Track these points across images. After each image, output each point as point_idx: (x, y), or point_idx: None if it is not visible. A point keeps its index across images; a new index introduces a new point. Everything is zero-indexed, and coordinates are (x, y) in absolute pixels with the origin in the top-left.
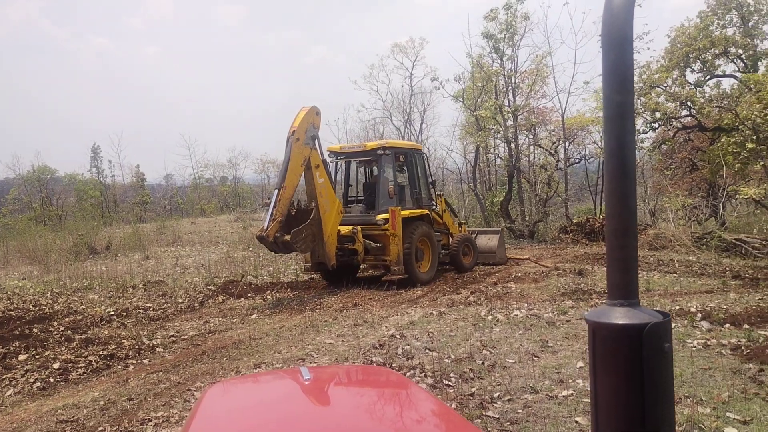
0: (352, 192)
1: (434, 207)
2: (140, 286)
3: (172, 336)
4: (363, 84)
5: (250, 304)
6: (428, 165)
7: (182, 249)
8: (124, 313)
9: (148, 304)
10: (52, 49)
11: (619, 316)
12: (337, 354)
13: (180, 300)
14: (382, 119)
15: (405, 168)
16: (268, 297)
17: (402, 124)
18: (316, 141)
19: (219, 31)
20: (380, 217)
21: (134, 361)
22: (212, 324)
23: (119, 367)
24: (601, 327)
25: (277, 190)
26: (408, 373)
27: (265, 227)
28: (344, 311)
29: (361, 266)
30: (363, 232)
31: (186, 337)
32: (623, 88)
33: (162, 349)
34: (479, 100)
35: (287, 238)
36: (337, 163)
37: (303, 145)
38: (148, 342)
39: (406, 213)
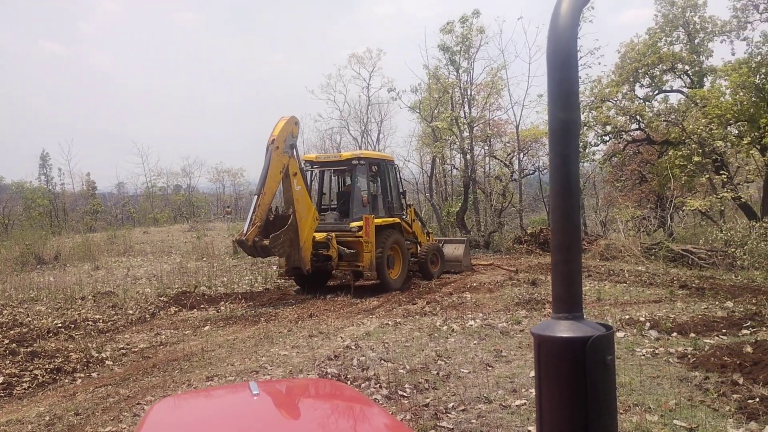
0: (326, 200)
1: (404, 216)
2: (89, 297)
3: (122, 348)
4: (320, 94)
5: (203, 316)
6: (399, 176)
7: (134, 259)
8: (72, 326)
9: (97, 316)
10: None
11: (564, 329)
12: (291, 366)
13: (131, 311)
14: (339, 129)
15: (378, 178)
16: (222, 308)
17: (359, 134)
18: (295, 150)
19: (175, 37)
20: (354, 224)
21: (82, 375)
22: (164, 336)
23: (66, 381)
24: (545, 340)
25: (256, 196)
26: (363, 385)
27: (245, 231)
28: (299, 322)
29: (333, 274)
30: (337, 239)
31: (136, 349)
32: (568, 105)
33: (111, 362)
34: (436, 111)
35: (266, 242)
36: (312, 172)
37: (282, 153)
38: (96, 355)
39: (378, 221)
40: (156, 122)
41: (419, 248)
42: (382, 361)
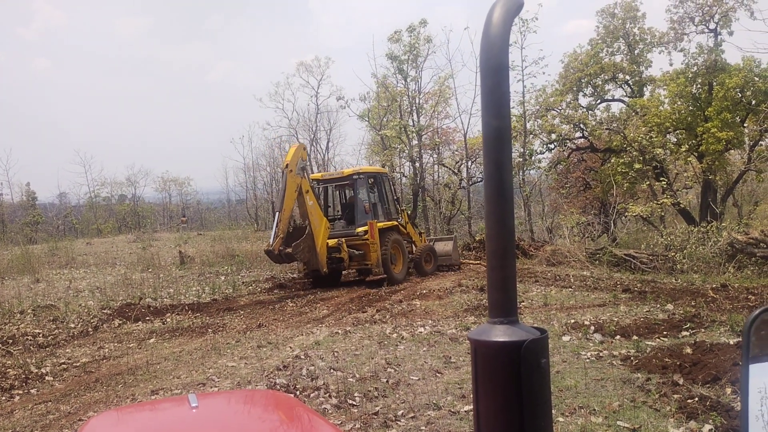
0: (330, 212)
1: (400, 219)
2: (29, 311)
3: (63, 363)
4: (268, 102)
5: (149, 328)
6: (392, 185)
7: (76, 271)
8: (10, 341)
9: (37, 330)
10: None
11: (499, 334)
12: (239, 377)
13: (72, 325)
14: (288, 137)
15: (375, 188)
16: (168, 320)
17: (308, 142)
18: (305, 171)
19: (119, 43)
20: (360, 229)
21: (20, 392)
22: (107, 349)
23: (3, 398)
24: (481, 345)
25: (278, 213)
26: (312, 394)
27: (271, 243)
28: (248, 333)
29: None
30: (347, 243)
31: (78, 364)
32: (500, 113)
33: (51, 378)
34: (384, 119)
35: (289, 250)
36: (317, 188)
37: (295, 175)
38: (36, 370)
39: (380, 225)
40: (99, 131)
41: (414, 248)
42: (332, 370)
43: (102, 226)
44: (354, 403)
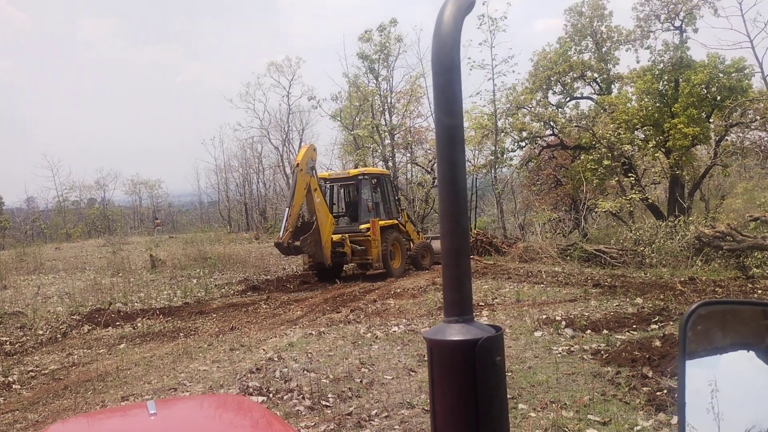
0: (335, 209)
1: (400, 218)
2: None
3: (31, 371)
4: (239, 102)
5: (119, 333)
6: (393, 186)
7: (45, 277)
8: None
9: (4, 338)
10: None
11: (454, 333)
12: (211, 381)
13: (41, 332)
14: (260, 138)
15: (378, 189)
16: (139, 324)
17: (280, 142)
18: (314, 170)
19: (85, 45)
20: (363, 226)
21: None
22: (76, 356)
23: None
24: (437, 344)
25: (288, 209)
26: (285, 396)
27: (281, 236)
28: (220, 336)
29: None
30: (350, 239)
31: (46, 371)
32: (452, 111)
33: (19, 386)
34: (356, 119)
35: (297, 243)
36: (324, 187)
37: (305, 173)
38: (2, 379)
39: (381, 223)
40: (67, 134)
41: (412, 245)
42: (306, 372)
43: (71, 230)
44: (327, 404)
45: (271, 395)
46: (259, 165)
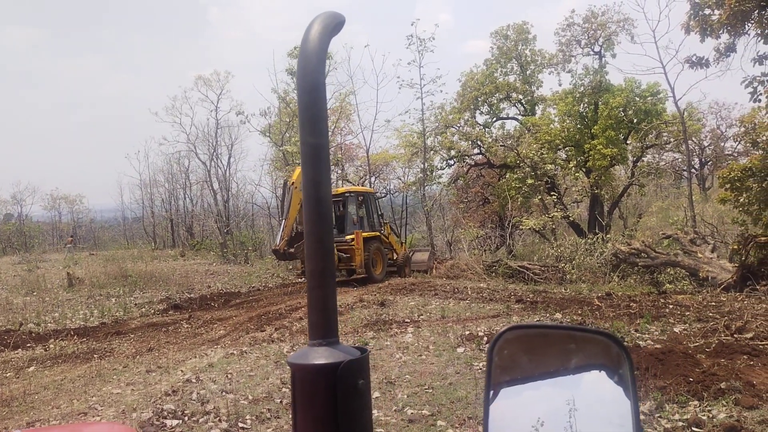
0: None
1: (382, 231)
2: None
3: None
4: (165, 116)
5: (29, 355)
6: (377, 203)
7: None
8: None
9: None
10: None
11: (317, 356)
12: (124, 404)
13: None
14: (187, 152)
15: (363, 205)
16: (51, 346)
17: (208, 158)
18: None
19: (6, 55)
20: (348, 237)
21: None
22: None
23: None
24: (300, 369)
25: (283, 220)
26: (201, 419)
27: (277, 244)
28: (137, 357)
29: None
30: (337, 248)
31: None
32: (317, 130)
33: None
34: (286, 134)
35: (292, 250)
36: None
37: (299, 191)
38: None
39: (365, 235)
40: None
41: (395, 255)
42: (224, 393)
43: None
44: (245, 426)
45: (186, 418)
46: (186, 180)
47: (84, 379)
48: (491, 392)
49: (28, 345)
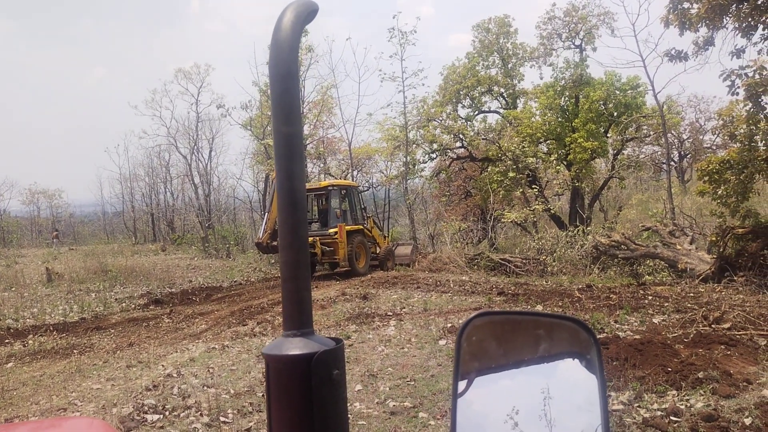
0: (308, 216)
1: (365, 224)
2: None
3: None
4: (145, 109)
5: (7, 351)
6: (360, 196)
7: None
8: None
9: None
10: None
11: (291, 347)
12: (104, 400)
13: None
14: (168, 146)
15: (346, 198)
16: (30, 342)
17: (189, 151)
18: None
19: None
20: (331, 230)
21: None
22: None
23: None
24: (274, 359)
25: (266, 213)
26: (182, 414)
27: (260, 237)
28: (117, 352)
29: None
30: (320, 241)
31: None
32: (290, 119)
33: None
34: (267, 128)
35: (275, 243)
36: None
37: None
38: None
39: (348, 228)
40: None
41: (378, 249)
42: (205, 388)
43: None
44: (227, 420)
45: (167, 413)
46: (167, 174)
47: (63, 375)
48: (464, 381)
49: (7, 341)
